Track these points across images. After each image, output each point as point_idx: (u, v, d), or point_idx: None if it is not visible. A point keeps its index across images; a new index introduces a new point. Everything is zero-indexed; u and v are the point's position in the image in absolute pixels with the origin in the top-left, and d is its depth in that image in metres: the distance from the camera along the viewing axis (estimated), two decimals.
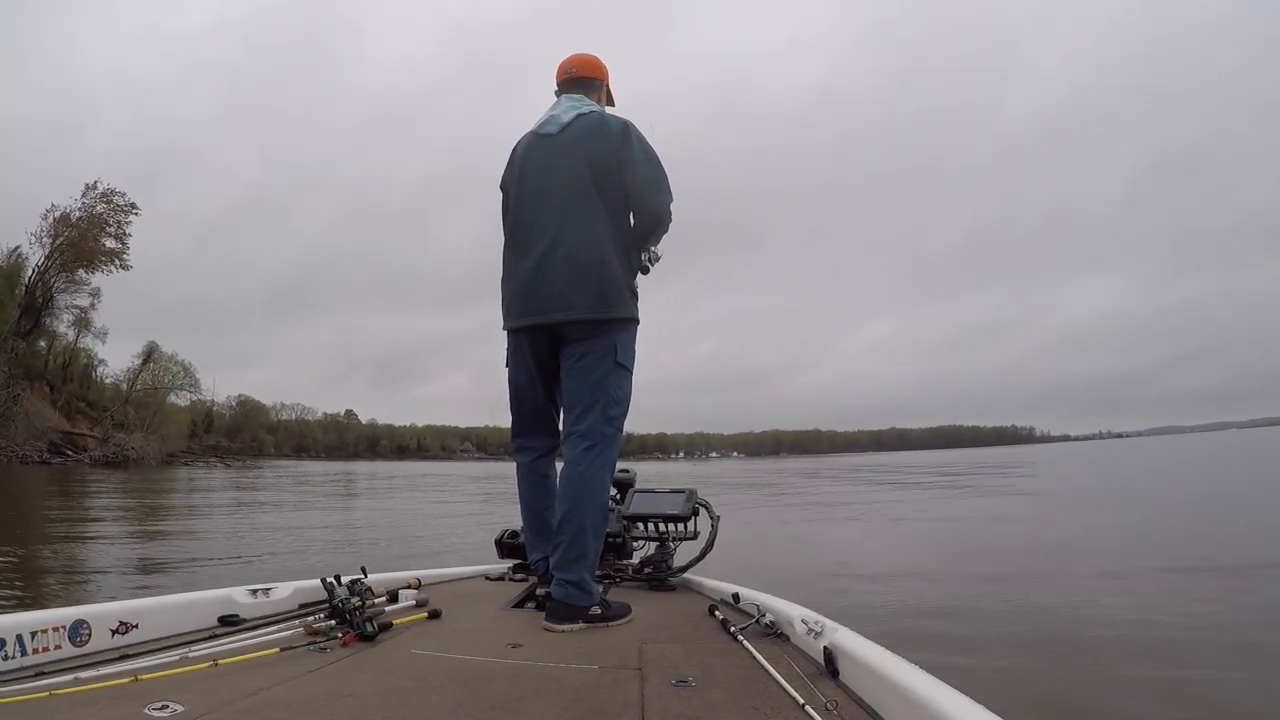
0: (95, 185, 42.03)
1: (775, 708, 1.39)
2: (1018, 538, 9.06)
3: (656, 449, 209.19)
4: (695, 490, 2.90)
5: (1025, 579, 6.13)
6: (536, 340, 2.41)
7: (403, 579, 2.55)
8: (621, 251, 2.36)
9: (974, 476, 25.48)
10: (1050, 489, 18.37)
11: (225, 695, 1.41)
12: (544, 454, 2.53)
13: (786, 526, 11.55)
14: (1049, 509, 13.14)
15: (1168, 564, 6.72)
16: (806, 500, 17.30)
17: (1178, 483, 19.24)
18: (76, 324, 45.81)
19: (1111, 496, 15.64)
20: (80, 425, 44.40)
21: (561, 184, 2.37)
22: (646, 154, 2.40)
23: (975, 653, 3.89)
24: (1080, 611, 4.79)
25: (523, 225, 2.43)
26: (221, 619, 2.04)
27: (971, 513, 13.03)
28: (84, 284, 43.18)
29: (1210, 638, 4.16)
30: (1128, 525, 10.00)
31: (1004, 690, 3.28)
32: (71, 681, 1.46)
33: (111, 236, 42.24)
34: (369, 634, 1.87)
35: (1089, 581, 5.90)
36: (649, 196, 2.38)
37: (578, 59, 2.61)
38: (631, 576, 2.81)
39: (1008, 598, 5.38)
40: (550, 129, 2.45)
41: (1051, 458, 49.48)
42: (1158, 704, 3.24)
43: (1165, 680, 3.50)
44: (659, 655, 1.79)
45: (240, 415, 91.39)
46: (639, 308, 2.43)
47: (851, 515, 13.02)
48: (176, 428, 54.86)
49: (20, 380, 39.17)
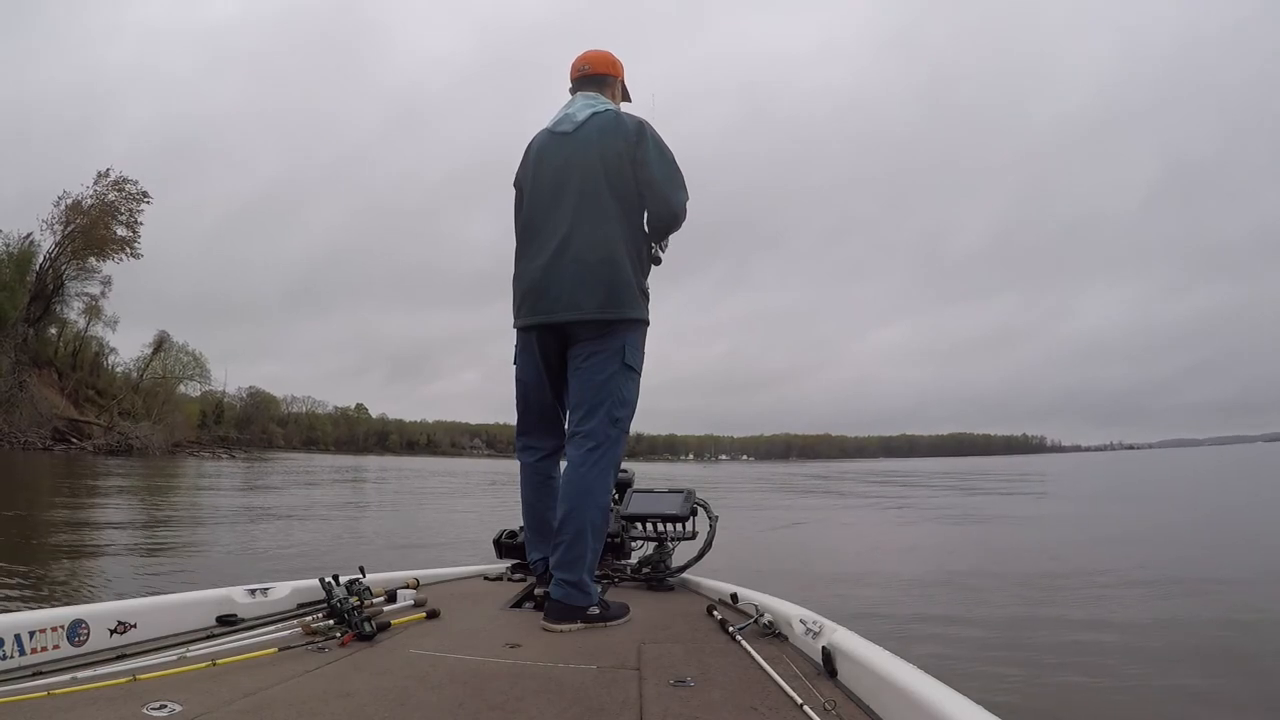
0: (107, 173, 42.34)
1: (774, 708, 1.39)
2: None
3: (666, 450, 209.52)
4: (693, 490, 2.90)
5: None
6: (545, 339, 2.41)
7: (401, 579, 2.55)
8: (633, 252, 2.36)
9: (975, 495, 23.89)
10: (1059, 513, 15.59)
11: (223, 695, 1.41)
12: (549, 454, 2.53)
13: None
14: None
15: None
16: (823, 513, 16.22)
17: (1206, 504, 16.59)
18: (87, 312, 46.11)
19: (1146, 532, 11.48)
20: (88, 413, 44.58)
21: (575, 183, 2.36)
22: (662, 152, 2.39)
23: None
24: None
25: (535, 224, 2.43)
26: (220, 619, 2.04)
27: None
28: (95, 272, 43.56)
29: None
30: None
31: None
32: (70, 681, 1.46)
33: (123, 224, 42.52)
34: (367, 634, 1.88)
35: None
36: (665, 195, 2.38)
37: (591, 56, 2.60)
38: (630, 576, 2.81)
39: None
40: (565, 127, 2.45)
41: (1062, 470, 48.30)
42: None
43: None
44: (657, 655, 1.79)
45: (251, 407, 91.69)
46: (649, 309, 2.42)
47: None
48: (185, 418, 55.11)
49: (27, 367, 39.34)
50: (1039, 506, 17.08)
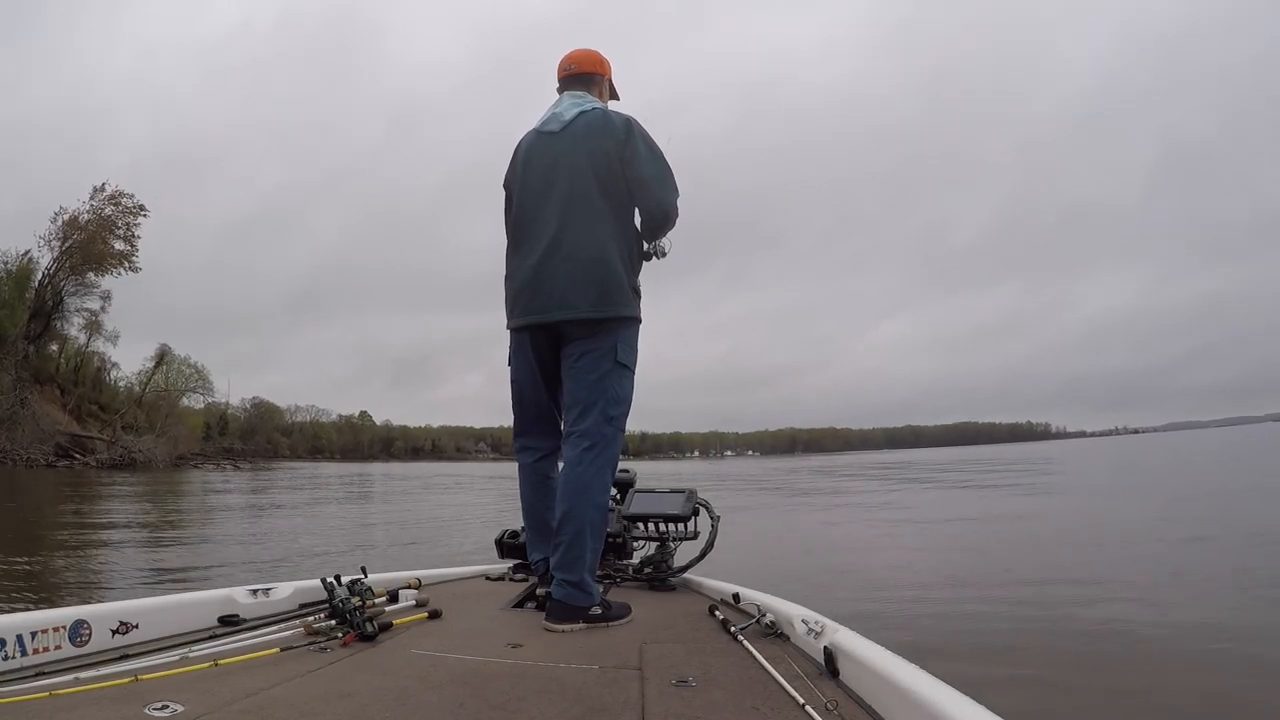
0: (103, 187, 42.38)
1: (775, 708, 1.39)
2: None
3: (671, 448, 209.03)
4: (695, 490, 2.90)
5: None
6: (538, 339, 2.41)
7: (403, 579, 2.55)
8: (624, 250, 2.36)
9: (980, 478, 24.39)
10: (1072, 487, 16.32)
11: (225, 695, 1.41)
12: (546, 454, 2.53)
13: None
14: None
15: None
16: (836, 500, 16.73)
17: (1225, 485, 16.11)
18: (88, 327, 46.15)
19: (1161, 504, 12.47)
20: (91, 428, 44.54)
21: (563, 182, 2.36)
22: (651, 150, 2.39)
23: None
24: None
25: (525, 224, 2.43)
26: (221, 619, 2.05)
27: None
28: (94, 287, 43.58)
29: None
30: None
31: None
32: (72, 681, 1.47)
33: (120, 239, 42.56)
34: (369, 634, 1.88)
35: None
36: (654, 193, 2.37)
37: (578, 54, 2.60)
38: (631, 576, 2.81)
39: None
40: (552, 127, 2.45)
41: (1067, 454, 48.09)
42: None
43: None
44: (659, 655, 1.79)
45: (255, 417, 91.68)
46: (641, 307, 2.42)
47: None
48: (189, 430, 55.17)
49: (28, 383, 39.32)
50: (1048, 497, 16.97)
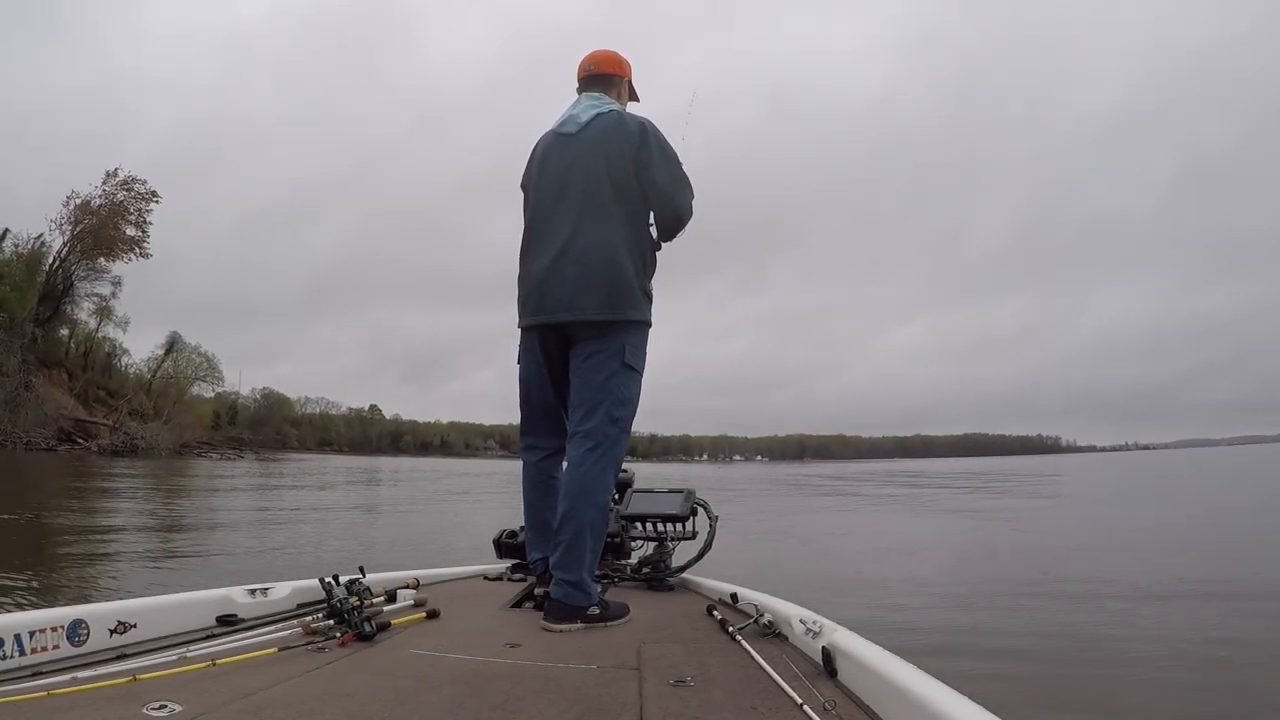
0: (115, 173, 42.60)
1: (774, 708, 1.39)
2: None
3: (680, 450, 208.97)
4: (694, 490, 2.90)
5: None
6: (547, 339, 2.42)
7: (401, 579, 2.56)
8: (636, 253, 2.36)
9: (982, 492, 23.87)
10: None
11: (223, 695, 1.41)
12: (551, 454, 2.53)
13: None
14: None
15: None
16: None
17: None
18: (98, 313, 46.37)
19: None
20: (98, 414, 44.57)
21: (578, 184, 2.37)
22: (665, 153, 2.40)
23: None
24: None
25: (538, 225, 2.44)
26: (220, 619, 2.05)
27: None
28: (104, 272, 43.81)
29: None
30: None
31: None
32: (70, 681, 1.47)
33: (132, 224, 42.73)
34: (367, 634, 1.88)
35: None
36: (670, 196, 2.38)
37: (598, 55, 2.60)
38: (630, 576, 2.81)
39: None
40: (569, 128, 2.46)
41: (1076, 471, 47.14)
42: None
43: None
44: (657, 655, 1.79)
45: (264, 408, 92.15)
46: (653, 310, 2.42)
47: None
48: (196, 418, 55.30)
49: (35, 367, 39.37)
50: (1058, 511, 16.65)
